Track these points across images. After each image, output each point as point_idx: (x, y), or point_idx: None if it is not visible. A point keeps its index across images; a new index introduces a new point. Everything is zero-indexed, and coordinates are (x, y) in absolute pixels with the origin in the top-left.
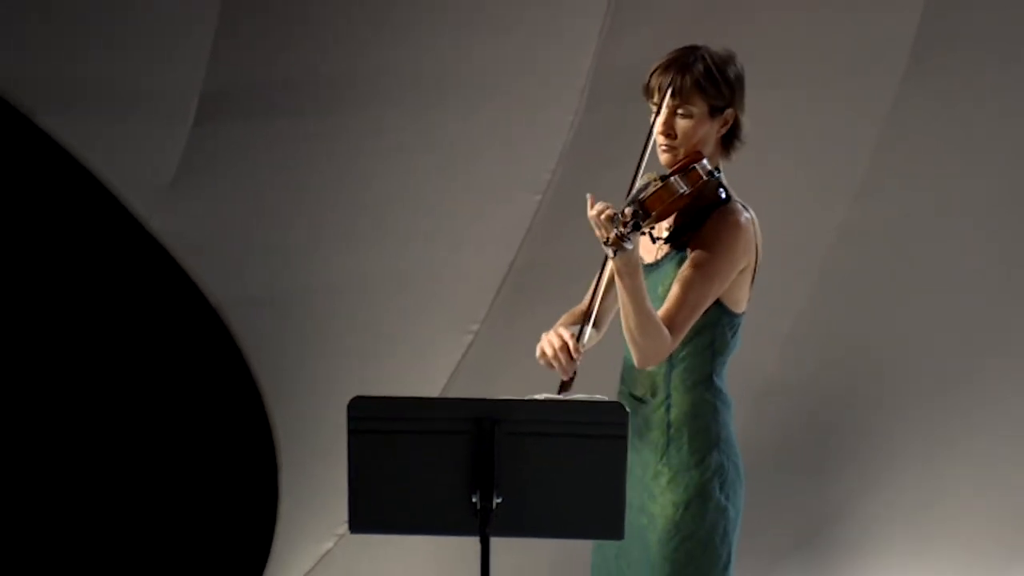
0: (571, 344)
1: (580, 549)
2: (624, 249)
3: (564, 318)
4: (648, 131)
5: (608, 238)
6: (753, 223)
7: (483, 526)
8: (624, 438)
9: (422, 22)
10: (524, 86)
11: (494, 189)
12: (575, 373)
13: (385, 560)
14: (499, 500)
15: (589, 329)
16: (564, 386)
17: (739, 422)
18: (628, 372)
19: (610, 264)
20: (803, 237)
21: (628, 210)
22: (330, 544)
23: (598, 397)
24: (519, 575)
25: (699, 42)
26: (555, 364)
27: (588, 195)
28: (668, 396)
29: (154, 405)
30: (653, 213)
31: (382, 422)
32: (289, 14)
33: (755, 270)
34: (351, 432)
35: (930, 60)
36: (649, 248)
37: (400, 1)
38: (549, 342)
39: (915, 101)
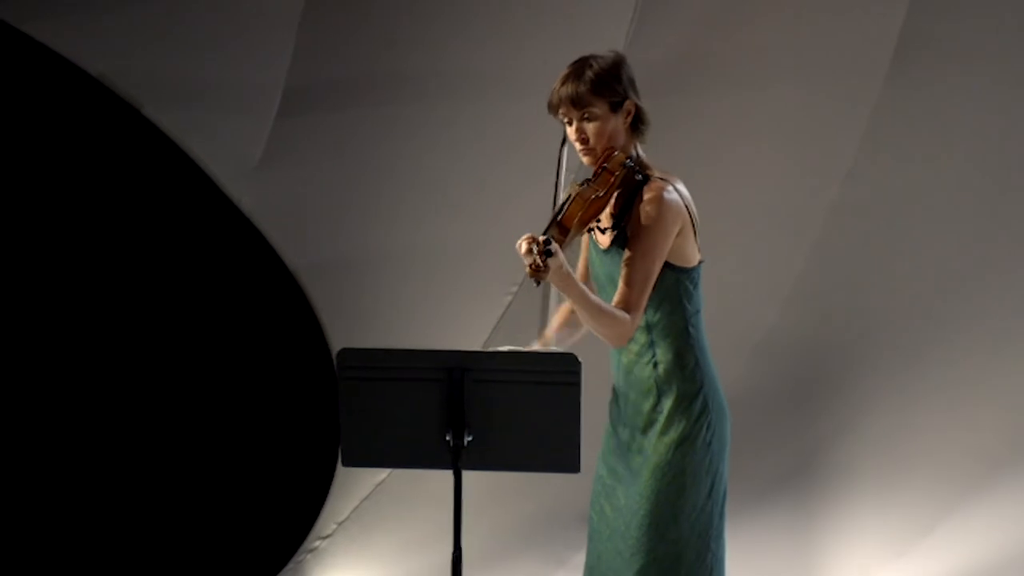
0: (539, 240)
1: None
2: (543, 278)
3: (558, 314)
4: (560, 146)
5: (527, 271)
6: (676, 190)
7: (455, 461)
8: (577, 385)
9: (468, 27)
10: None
11: (530, 171)
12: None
13: (433, 488)
14: (469, 438)
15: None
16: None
17: (738, 370)
18: (616, 363)
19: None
20: (798, 214)
21: (542, 239)
22: (384, 475)
23: (554, 349)
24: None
25: (713, 44)
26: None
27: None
28: (654, 355)
29: (239, 355)
30: (573, 224)
31: (367, 371)
32: (351, 25)
33: (694, 225)
34: (340, 380)
35: (912, 58)
36: (601, 237)
37: (448, 10)
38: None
39: (897, 94)
